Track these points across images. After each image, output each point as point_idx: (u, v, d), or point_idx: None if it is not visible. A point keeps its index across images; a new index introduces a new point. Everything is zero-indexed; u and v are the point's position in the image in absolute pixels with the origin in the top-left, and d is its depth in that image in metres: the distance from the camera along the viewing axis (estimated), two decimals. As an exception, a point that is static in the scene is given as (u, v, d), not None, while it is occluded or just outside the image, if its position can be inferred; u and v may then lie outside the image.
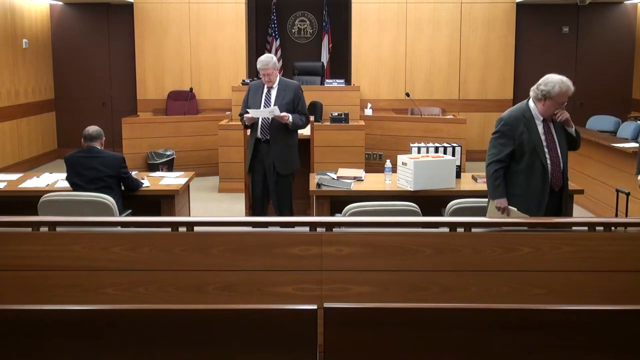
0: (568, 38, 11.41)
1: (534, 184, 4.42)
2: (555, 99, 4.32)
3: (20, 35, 10.22)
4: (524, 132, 4.39)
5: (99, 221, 3.83)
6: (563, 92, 4.31)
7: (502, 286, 3.55)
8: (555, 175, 4.43)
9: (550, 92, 4.30)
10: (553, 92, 4.30)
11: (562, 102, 4.36)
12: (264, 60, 5.96)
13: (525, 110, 4.44)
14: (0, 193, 5.55)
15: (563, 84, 4.31)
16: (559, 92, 4.30)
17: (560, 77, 4.35)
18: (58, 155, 11.07)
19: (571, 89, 4.35)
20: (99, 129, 5.39)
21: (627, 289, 3.53)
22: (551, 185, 4.43)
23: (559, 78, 4.33)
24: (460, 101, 11.27)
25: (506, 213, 4.43)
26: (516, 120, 4.42)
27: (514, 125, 4.42)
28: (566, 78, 4.36)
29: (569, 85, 4.34)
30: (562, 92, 4.31)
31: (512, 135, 4.41)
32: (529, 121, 4.40)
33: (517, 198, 4.45)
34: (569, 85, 4.35)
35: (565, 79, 4.34)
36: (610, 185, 6.99)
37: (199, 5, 11.02)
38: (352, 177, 5.72)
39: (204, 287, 3.52)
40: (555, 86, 4.30)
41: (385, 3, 11.02)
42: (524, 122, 4.40)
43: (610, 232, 3.68)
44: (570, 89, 4.35)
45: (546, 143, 4.41)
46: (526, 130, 4.39)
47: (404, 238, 3.57)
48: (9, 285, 3.52)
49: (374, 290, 3.51)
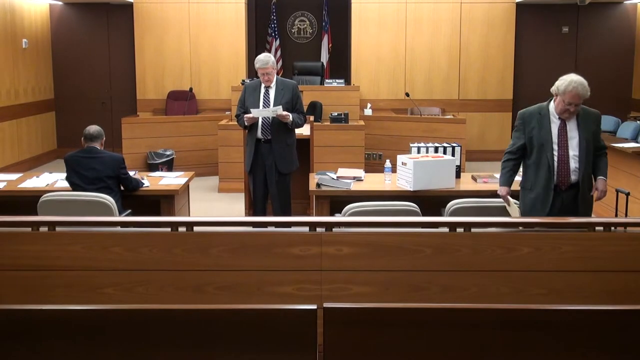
0: (568, 38, 11.41)
1: (540, 180, 4.50)
2: (563, 96, 4.34)
3: (20, 35, 10.21)
4: (535, 128, 4.49)
5: (98, 221, 3.83)
6: (569, 92, 4.31)
7: (502, 286, 3.55)
8: (562, 174, 4.45)
9: (559, 87, 4.36)
10: (561, 89, 4.34)
11: (570, 102, 4.34)
12: (263, 60, 5.94)
13: (543, 108, 4.53)
14: (0, 193, 5.55)
15: (573, 84, 4.31)
16: (565, 90, 4.32)
17: (577, 79, 4.34)
18: (58, 155, 11.07)
19: (581, 93, 4.32)
20: (100, 129, 5.38)
21: (627, 289, 3.53)
22: (558, 183, 4.46)
23: (573, 79, 4.33)
24: (460, 101, 11.27)
25: (505, 202, 4.65)
26: (531, 115, 4.55)
27: (527, 120, 4.55)
28: (583, 82, 4.33)
29: (578, 89, 4.31)
30: (568, 91, 4.31)
31: (524, 129, 4.55)
32: (543, 118, 4.48)
33: (527, 192, 4.59)
34: (579, 89, 4.31)
35: (580, 83, 4.32)
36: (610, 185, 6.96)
37: (198, 5, 11.02)
38: (351, 177, 5.72)
39: (203, 287, 3.51)
40: (565, 84, 4.32)
41: (385, 3, 11.02)
42: (538, 118, 4.50)
43: (610, 232, 3.68)
44: (580, 93, 4.32)
45: (557, 140, 4.45)
46: (537, 126, 4.49)
47: (404, 238, 3.57)
48: (9, 285, 3.52)
49: (373, 290, 3.51)
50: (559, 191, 4.47)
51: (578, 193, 4.48)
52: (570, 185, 4.48)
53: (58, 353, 2.54)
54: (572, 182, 4.47)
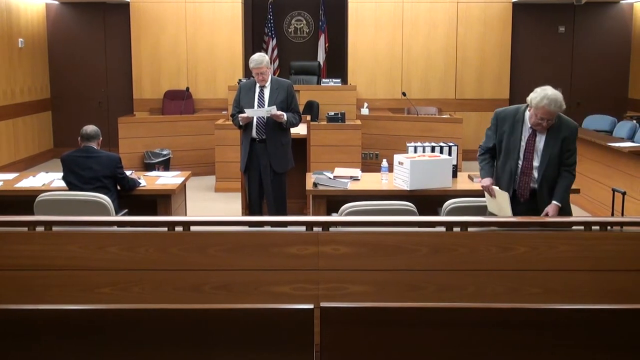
0: (564, 37, 11.42)
1: (502, 186, 4.42)
2: (535, 110, 4.19)
3: (16, 35, 10.20)
4: (506, 132, 4.39)
5: (95, 221, 3.83)
6: (541, 107, 4.14)
7: (498, 285, 3.55)
8: (522, 185, 4.38)
9: (532, 100, 4.19)
10: (534, 103, 4.18)
11: (540, 116, 4.18)
12: (257, 59, 5.94)
13: (520, 112, 4.37)
14: (-4, 192, 5.54)
15: (546, 101, 4.12)
16: (537, 105, 4.16)
17: (551, 94, 4.14)
18: (54, 154, 11.05)
19: (552, 110, 4.14)
20: (97, 128, 5.38)
21: (624, 288, 3.54)
22: (516, 194, 4.39)
23: (547, 94, 4.14)
24: (457, 100, 11.28)
25: (491, 193, 4.45)
26: (505, 117, 4.42)
27: (500, 121, 4.44)
28: (557, 99, 4.13)
29: (550, 106, 4.12)
30: (540, 106, 4.15)
31: (496, 130, 4.46)
32: (516, 122, 4.35)
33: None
34: (552, 107, 4.13)
35: (553, 100, 4.12)
36: (607, 185, 7.00)
37: (195, 4, 11.01)
38: (348, 177, 5.72)
39: (200, 286, 3.51)
40: (538, 99, 4.14)
41: (382, 2, 11.03)
42: (512, 122, 4.37)
43: (607, 232, 3.68)
44: (551, 110, 4.14)
45: (524, 150, 4.34)
46: (509, 130, 4.38)
47: (401, 237, 3.57)
48: (5, 285, 3.51)
49: (370, 290, 3.51)
50: (517, 202, 4.36)
51: (535, 209, 4.33)
52: (530, 198, 4.36)
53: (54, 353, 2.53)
54: (531, 194, 4.37)
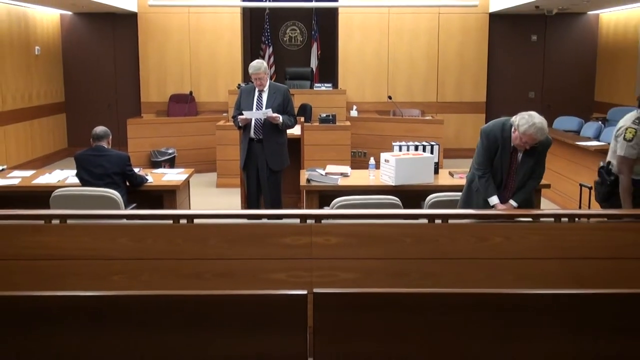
0: (536, 45, 11.45)
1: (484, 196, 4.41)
2: (522, 135, 4.18)
3: (33, 43, 10.15)
4: (499, 151, 4.35)
5: (106, 214, 3.82)
6: (528, 134, 4.15)
7: (476, 272, 3.56)
8: (503, 199, 4.38)
9: (520, 126, 4.17)
10: (521, 129, 4.16)
11: (525, 140, 4.19)
12: (255, 66, 5.95)
13: (506, 129, 4.32)
14: (15, 188, 5.53)
15: (533, 129, 4.12)
16: (525, 132, 4.15)
17: (539, 122, 4.13)
18: (68, 153, 11.01)
19: (538, 138, 4.17)
20: (106, 129, 5.37)
21: (591, 274, 3.55)
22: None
23: (535, 122, 4.13)
24: (438, 103, 11.29)
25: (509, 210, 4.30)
26: (495, 137, 4.35)
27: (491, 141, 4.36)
28: (543, 128, 4.14)
29: (537, 135, 4.14)
30: (528, 134, 4.15)
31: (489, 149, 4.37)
32: (505, 141, 4.32)
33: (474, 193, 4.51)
34: (538, 135, 4.15)
35: (539, 129, 4.13)
36: (575, 180, 7.03)
37: (198, 15, 10.98)
38: (339, 173, 5.72)
39: (203, 274, 3.51)
40: (526, 126, 4.13)
41: (370, 13, 11.02)
42: (501, 141, 4.33)
43: (574, 223, 3.70)
44: (537, 138, 4.17)
45: (508, 167, 4.36)
46: (500, 149, 4.34)
47: (387, 229, 3.57)
48: (24, 273, 3.50)
49: (359, 277, 3.51)
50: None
51: None
52: None
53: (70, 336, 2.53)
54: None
